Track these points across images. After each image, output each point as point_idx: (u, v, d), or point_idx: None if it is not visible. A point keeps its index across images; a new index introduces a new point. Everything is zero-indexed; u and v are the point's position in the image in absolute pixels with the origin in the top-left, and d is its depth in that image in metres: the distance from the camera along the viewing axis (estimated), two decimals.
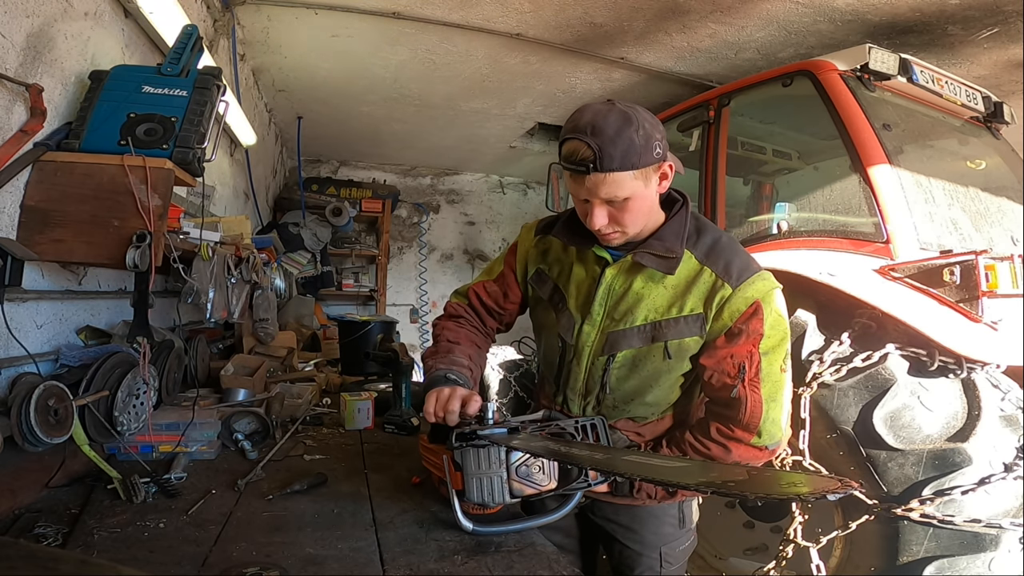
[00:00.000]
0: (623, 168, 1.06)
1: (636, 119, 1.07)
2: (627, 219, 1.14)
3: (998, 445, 1.65)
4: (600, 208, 1.13)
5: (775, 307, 1.15)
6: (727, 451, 1.16)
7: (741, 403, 1.13)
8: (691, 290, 1.16)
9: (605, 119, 1.06)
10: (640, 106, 1.13)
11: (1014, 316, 1.65)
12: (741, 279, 1.14)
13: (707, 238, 1.20)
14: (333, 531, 1.19)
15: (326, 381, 2.67)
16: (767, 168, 3.04)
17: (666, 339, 1.18)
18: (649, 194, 1.14)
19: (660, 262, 1.17)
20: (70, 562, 0.62)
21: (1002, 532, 1.58)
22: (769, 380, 1.14)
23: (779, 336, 1.15)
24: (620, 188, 1.09)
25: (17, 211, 1.39)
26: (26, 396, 1.19)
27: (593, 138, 1.05)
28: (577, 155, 1.07)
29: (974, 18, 2.60)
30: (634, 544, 1.36)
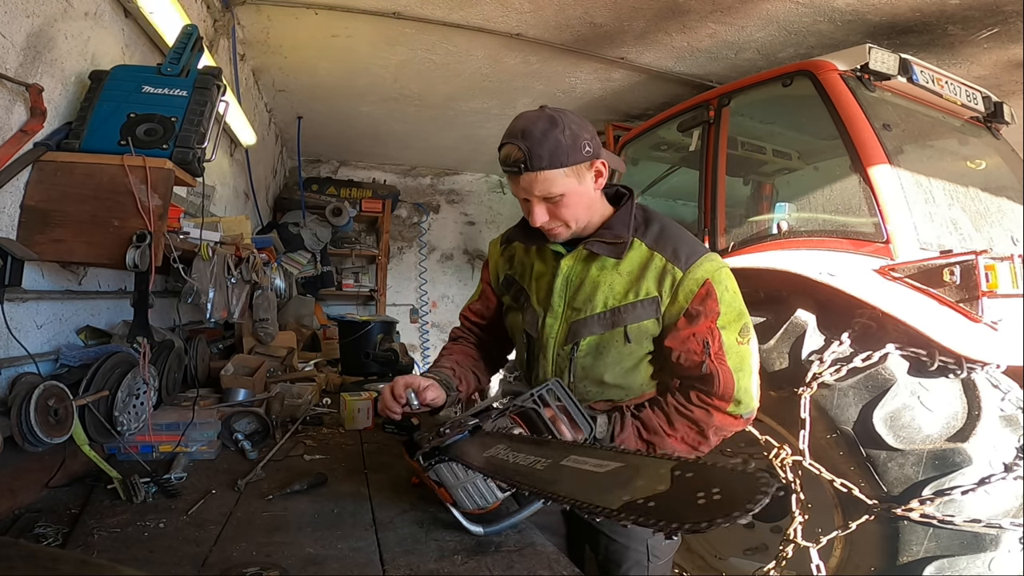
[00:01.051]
0: (552, 166, 1.15)
1: (562, 121, 1.16)
2: (565, 214, 1.22)
3: (998, 445, 1.65)
4: (539, 206, 1.21)
5: (727, 284, 1.22)
6: (709, 415, 1.21)
7: (713, 377, 1.19)
8: (644, 275, 1.24)
9: (534, 123, 1.16)
10: (570, 111, 1.22)
11: (1014, 316, 1.66)
12: (690, 262, 1.21)
13: (655, 226, 1.28)
14: (333, 531, 1.19)
15: (326, 381, 2.67)
16: (767, 168, 3.04)
17: (625, 324, 1.25)
18: (585, 190, 1.22)
19: (609, 248, 1.25)
20: (70, 562, 0.62)
21: (1002, 532, 1.58)
22: (732, 352, 1.21)
23: (734, 312, 1.22)
24: (553, 185, 1.17)
25: (17, 211, 1.39)
26: (26, 396, 1.19)
27: (523, 141, 1.15)
28: (510, 158, 1.17)
29: (974, 18, 2.60)
30: (620, 537, 1.40)
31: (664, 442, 1.23)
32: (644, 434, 1.24)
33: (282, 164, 5.27)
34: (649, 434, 1.24)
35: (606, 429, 1.24)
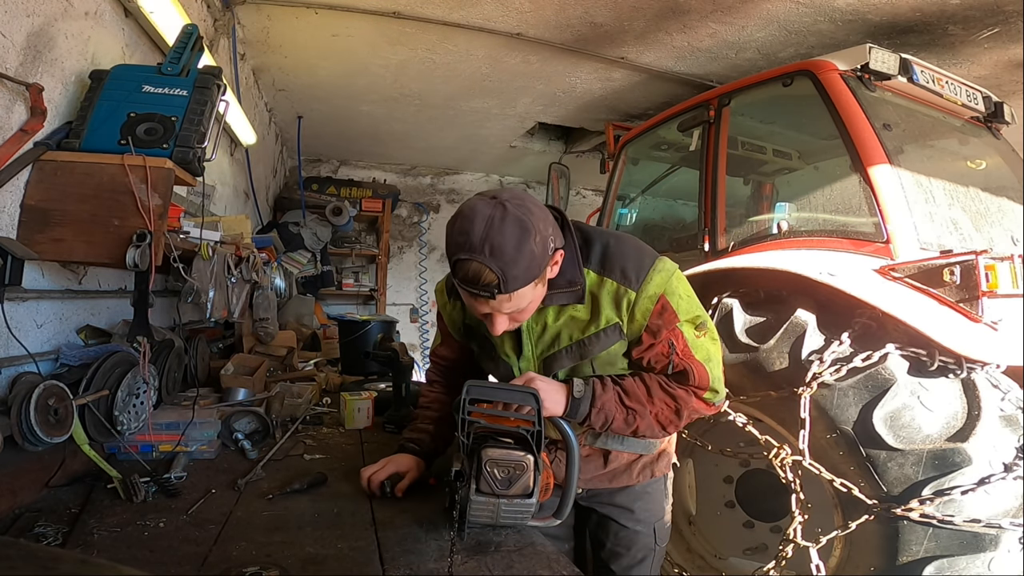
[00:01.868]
0: (527, 283, 1.06)
1: (531, 225, 1.04)
2: (526, 315, 1.17)
3: (998, 445, 1.65)
4: (500, 318, 1.13)
5: (679, 292, 1.22)
6: (689, 396, 1.23)
7: (687, 373, 1.21)
8: (600, 303, 1.21)
9: (501, 234, 1.01)
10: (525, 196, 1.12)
11: (1014, 316, 1.66)
12: (640, 279, 1.19)
13: (596, 248, 1.24)
14: (333, 531, 1.19)
15: (326, 381, 2.67)
16: (767, 168, 3.04)
17: (592, 355, 1.24)
18: (544, 286, 1.15)
19: (568, 296, 1.21)
20: (70, 562, 0.62)
21: (1002, 532, 1.58)
22: (697, 347, 1.22)
23: (692, 313, 1.23)
24: (523, 299, 1.10)
25: (17, 210, 1.39)
26: (26, 395, 1.19)
27: (494, 260, 1.01)
28: (480, 280, 1.03)
29: (974, 18, 2.60)
30: (630, 522, 1.46)
31: (643, 411, 1.22)
32: (626, 400, 1.22)
33: (282, 164, 5.27)
34: (631, 400, 1.22)
35: (584, 389, 1.20)
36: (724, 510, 2.36)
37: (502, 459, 1.07)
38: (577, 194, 6.23)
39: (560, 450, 1.33)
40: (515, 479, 1.07)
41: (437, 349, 1.54)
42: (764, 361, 1.97)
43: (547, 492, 1.19)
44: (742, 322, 2.09)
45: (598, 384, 1.22)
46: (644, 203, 3.42)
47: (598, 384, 1.22)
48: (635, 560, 1.49)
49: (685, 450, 2.36)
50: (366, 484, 1.35)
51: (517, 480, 1.07)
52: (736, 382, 1.98)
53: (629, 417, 1.22)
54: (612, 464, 1.42)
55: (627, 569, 1.49)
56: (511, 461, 1.07)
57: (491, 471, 1.07)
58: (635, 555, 1.48)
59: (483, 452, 1.07)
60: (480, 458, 1.07)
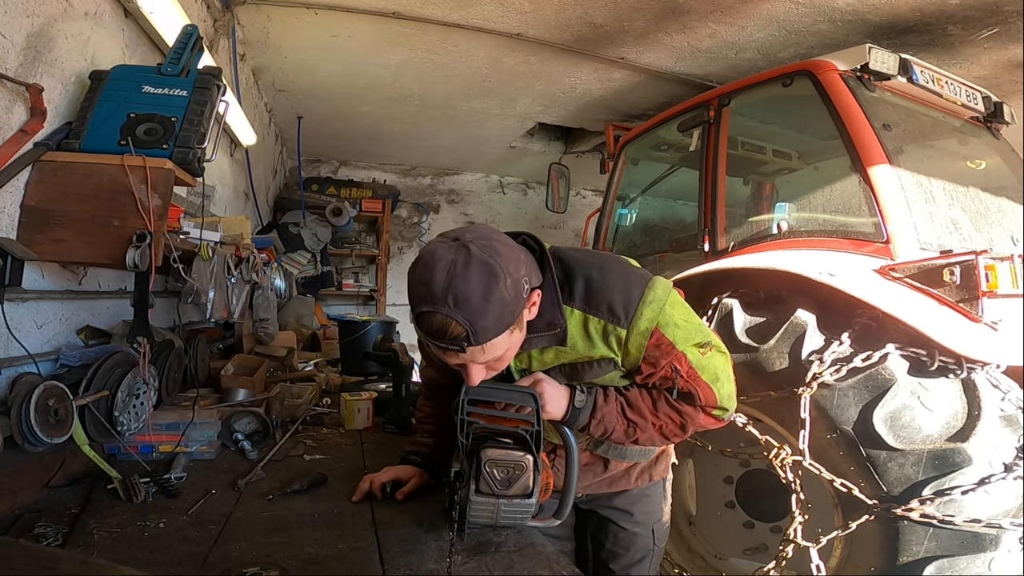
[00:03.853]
0: (500, 332, 0.96)
1: (500, 269, 0.93)
2: (504, 363, 1.10)
3: (998, 445, 1.65)
4: (476, 368, 1.04)
5: (674, 321, 1.13)
6: (696, 413, 1.19)
7: (693, 395, 1.17)
8: (591, 339, 1.14)
9: (466, 282, 0.91)
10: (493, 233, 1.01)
11: (1014, 316, 1.66)
12: (629, 316, 1.11)
13: (578, 283, 1.13)
14: (333, 531, 1.19)
15: (326, 381, 2.67)
16: (767, 168, 3.04)
17: (583, 378, 1.20)
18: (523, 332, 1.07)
19: (550, 339, 1.14)
20: (70, 562, 0.62)
21: (1002, 532, 1.58)
22: (702, 367, 1.16)
23: (692, 338, 1.15)
24: (498, 349, 1.00)
25: (17, 211, 1.39)
26: (26, 396, 1.19)
27: (459, 312, 0.91)
28: (446, 334, 0.93)
29: (974, 18, 2.60)
30: (630, 525, 1.47)
31: (645, 424, 1.19)
32: (628, 411, 1.19)
33: (282, 164, 5.27)
34: (632, 412, 1.19)
35: (585, 399, 1.17)
36: (724, 510, 2.36)
37: (501, 459, 1.07)
38: (577, 194, 6.23)
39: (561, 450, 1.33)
40: (515, 479, 1.07)
41: (424, 370, 1.50)
42: (764, 361, 1.96)
43: (547, 492, 1.19)
44: (742, 322, 2.09)
45: (600, 394, 1.19)
46: (644, 203, 3.42)
47: (600, 394, 1.19)
48: (633, 560, 1.51)
49: (685, 450, 2.36)
50: (367, 487, 1.35)
51: (517, 480, 1.07)
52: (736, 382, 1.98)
53: (630, 429, 1.20)
54: (611, 470, 1.43)
55: (626, 568, 1.51)
56: (510, 461, 1.07)
57: (490, 471, 1.07)
58: (634, 555, 1.50)
59: (482, 452, 1.07)
60: (479, 458, 1.07)
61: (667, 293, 1.15)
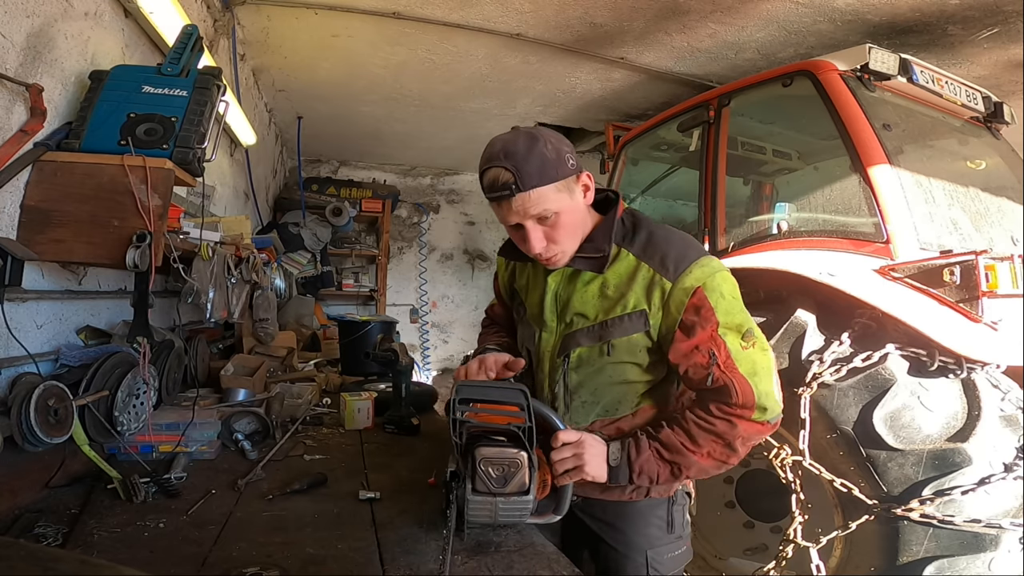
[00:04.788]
0: (543, 182, 1.09)
1: (542, 137, 1.12)
2: (561, 235, 1.16)
3: (998, 445, 1.65)
4: (535, 230, 1.15)
5: (721, 290, 1.13)
6: (732, 425, 1.13)
7: (728, 388, 1.12)
8: (632, 287, 1.17)
9: (514, 143, 1.11)
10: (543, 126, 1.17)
11: (1014, 316, 1.66)
12: (679, 270, 1.14)
13: (642, 233, 1.21)
14: (333, 531, 1.19)
15: (326, 381, 2.67)
16: (767, 168, 3.04)
17: (612, 337, 1.19)
18: (576, 206, 1.17)
19: (591, 263, 1.19)
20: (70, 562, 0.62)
21: (1002, 532, 1.58)
22: (741, 358, 1.12)
23: (735, 318, 1.14)
24: (547, 202, 1.11)
25: (17, 211, 1.39)
26: (26, 396, 1.19)
27: (508, 161, 1.09)
28: (498, 181, 1.10)
29: (974, 18, 2.60)
30: (619, 544, 1.33)
31: (688, 460, 1.15)
32: (666, 454, 1.16)
33: (282, 164, 5.27)
34: (671, 454, 1.15)
35: (619, 455, 1.16)
36: (724, 510, 2.36)
37: (496, 457, 1.07)
38: None
39: None
40: (510, 477, 1.07)
41: (492, 308, 1.60)
42: None
43: (545, 489, 1.18)
44: None
45: (632, 447, 1.17)
46: (644, 203, 3.42)
47: (632, 447, 1.17)
48: None
49: None
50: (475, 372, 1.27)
51: (512, 478, 1.07)
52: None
53: (675, 469, 1.16)
54: None
55: None
56: (505, 459, 1.07)
57: (486, 470, 1.07)
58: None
59: (476, 451, 1.07)
60: (474, 458, 1.07)
61: (722, 267, 1.17)
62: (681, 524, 1.37)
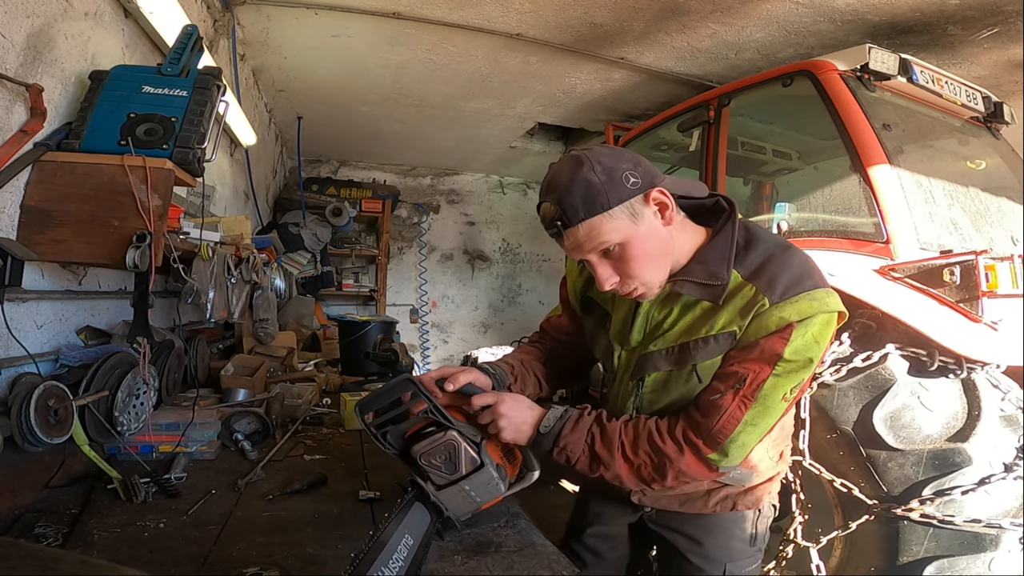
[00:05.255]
0: (592, 213, 0.98)
1: (588, 159, 0.99)
2: (634, 269, 1.03)
3: (998, 445, 1.65)
4: (600, 265, 1.04)
5: (811, 332, 0.99)
6: (680, 454, 1.04)
7: (718, 412, 1.01)
8: (727, 305, 1.03)
9: (559, 172, 1.02)
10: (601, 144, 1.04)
11: (1014, 316, 1.66)
12: (786, 295, 0.99)
13: (756, 253, 1.05)
14: (333, 531, 1.19)
15: (326, 381, 2.67)
16: (767, 168, 3.04)
17: (695, 361, 1.06)
18: (648, 231, 1.02)
19: (704, 290, 1.04)
20: (70, 562, 0.62)
21: (1002, 532, 1.58)
22: (763, 403, 1.00)
23: (801, 363, 1.00)
24: (602, 235, 0.99)
25: (17, 211, 1.39)
26: (26, 396, 1.19)
27: (551, 194, 1.01)
28: (547, 218, 1.02)
29: (974, 18, 2.60)
30: (697, 559, 1.25)
31: (614, 464, 1.07)
32: (597, 446, 1.08)
33: (282, 164, 5.27)
34: (603, 448, 1.08)
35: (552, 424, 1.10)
36: None
37: (430, 448, 1.07)
38: None
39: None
40: (455, 458, 1.07)
41: (552, 318, 1.44)
42: None
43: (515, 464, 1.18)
44: None
45: (571, 422, 1.10)
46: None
47: (571, 422, 1.10)
48: None
49: None
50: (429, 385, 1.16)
51: (459, 458, 1.07)
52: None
53: (594, 464, 1.09)
54: (687, 486, 1.23)
55: None
56: (438, 445, 1.07)
57: (430, 463, 1.07)
58: None
59: (412, 453, 1.08)
60: (414, 459, 1.08)
61: (837, 307, 1.01)
62: (763, 538, 1.30)
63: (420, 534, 1.01)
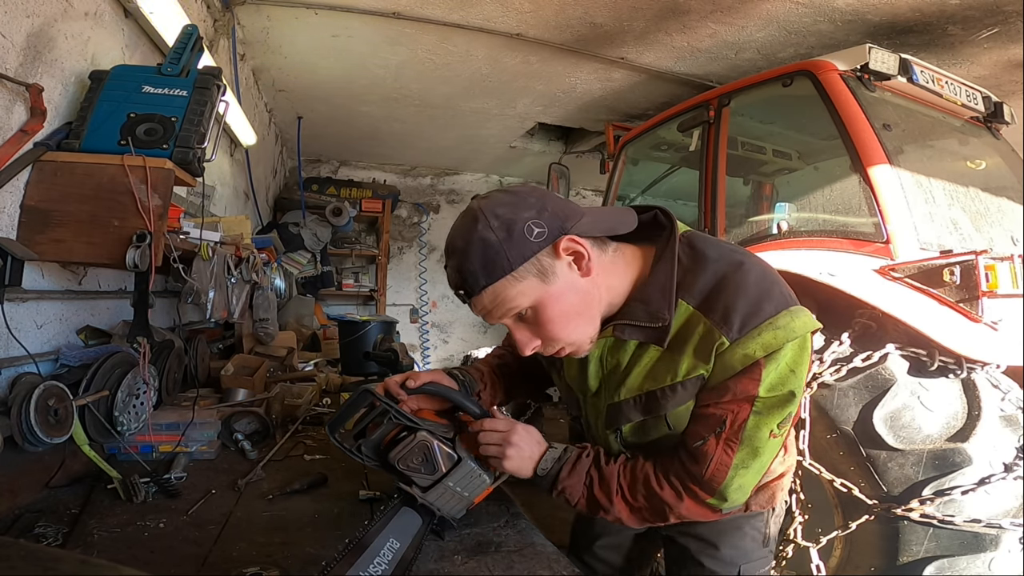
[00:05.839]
0: (493, 279, 0.86)
1: (483, 213, 0.86)
2: (553, 331, 0.92)
3: (998, 445, 1.65)
4: (517, 329, 0.94)
5: (783, 363, 0.88)
6: (679, 500, 0.97)
7: (705, 459, 0.93)
8: (686, 347, 0.92)
9: (455, 231, 0.90)
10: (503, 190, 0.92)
11: (1014, 316, 1.65)
12: (744, 329, 0.87)
13: (705, 275, 0.92)
14: (333, 531, 1.19)
15: (326, 381, 2.67)
16: (767, 168, 3.04)
17: (665, 411, 0.97)
18: (563, 288, 0.90)
19: (647, 333, 0.93)
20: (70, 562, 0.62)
21: (1002, 532, 1.58)
22: (749, 444, 0.92)
23: (781, 397, 0.90)
24: (509, 300, 0.88)
25: (17, 211, 1.39)
26: (26, 396, 1.19)
27: (450, 260, 0.90)
28: (451, 285, 0.92)
29: (974, 18, 2.60)
30: (711, 562, 1.21)
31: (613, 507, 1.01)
32: (596, 489, 1.02)
33: (282, 164, 5.27)
34: (601, 492, 1.01)
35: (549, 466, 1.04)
36: None
37: (405, 452, 1.07)
38: (577, 194, 6.23)
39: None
40: (431, 457, 1.07)
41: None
42: None
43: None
44: None
45: (568, 465, 1.03)
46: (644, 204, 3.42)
47: (568, 465, 1.03)
48: None
49: None
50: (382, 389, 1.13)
51: (433, 457, 1.07)
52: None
53: (593, 506, 1.04)
54: None
55: None
56: (410, 447, 1.07)
57: (408, 466, 1.08)
58: None
59: (390, 460, 1.08)
60: (394, 466, 1.08)
61: (804, 330, 0.89)
62: (775, 538, 1.27)
63: (409, 537, 1.01)
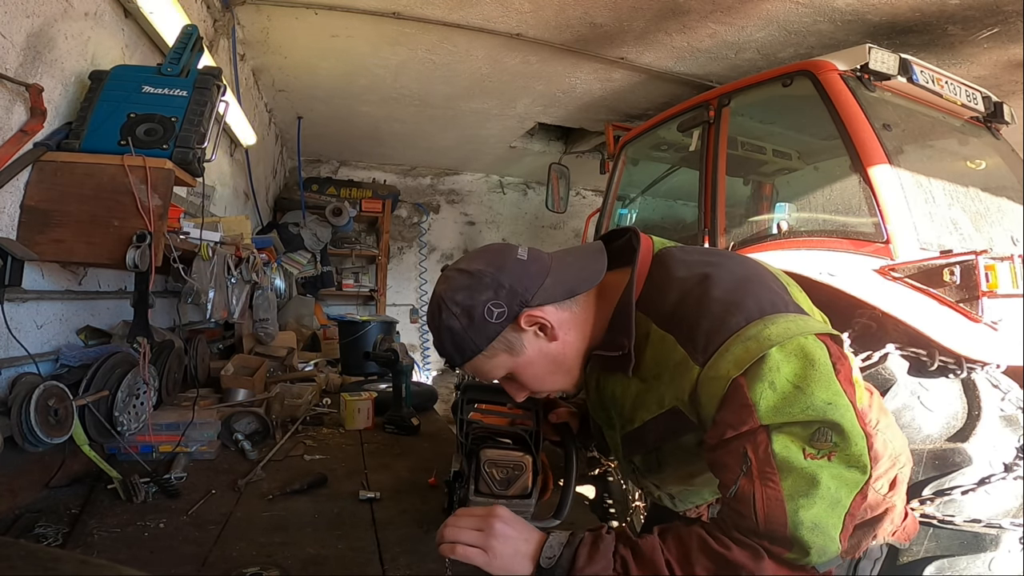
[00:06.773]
0: (466, 358, 0.93)
1: (444, 302, 0.90)
2: (535, 387, 1.00)
3: (998, 445, 1.65)
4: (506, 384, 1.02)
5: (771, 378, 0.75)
6: (757, 560, 0.76)
7: (749, 502, 0.76)
8: (662, 374, 0.86)
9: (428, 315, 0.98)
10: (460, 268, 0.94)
11: (1014, 316, 1.65)
12: (709, 350, 0.78)
13: (672, 293, 0.87)
14: (333, 531, 1.20)
15: (326, 381, 2.67)
16: (767, 168, 3.03)
17: (661, 443, 0.93)
18: (533, 356, 0.93)
19: (616, 362, 0.91)
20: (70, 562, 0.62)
21: (1002, 532, 1.58)
22: (790, 469, 0.75)
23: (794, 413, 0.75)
24: (487, 372, 0.96)
25: (17, 211, 1.39)
26: (26, 396, 1.19)
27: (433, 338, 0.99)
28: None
29: (974, 18, 2.60)
30: None
31: None
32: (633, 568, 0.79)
33: (282, 164, 5.27)
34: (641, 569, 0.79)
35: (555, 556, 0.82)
36: None
37: (500, 460, 1.07)
38: (577, 194, 6.23)
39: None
40: (514, 479, 1.07)
41: None
42: None
43: (547, 492, 1.18)
44: None
45: (586, 549, 0.81)
46: (644, 203, 3.42)
47: (586, 549, 0.81)
48: None
49: None
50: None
51: (516, 480, 1.07)
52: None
53: None
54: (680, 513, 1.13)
55: None
56: (509, 461, 1.07)
57: (490, 471, 1.07)
58: None
59: (482, 453, 1.07)
60: (479, 459, 1.07)
61: (786, 337, 0.77)
62: None
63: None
